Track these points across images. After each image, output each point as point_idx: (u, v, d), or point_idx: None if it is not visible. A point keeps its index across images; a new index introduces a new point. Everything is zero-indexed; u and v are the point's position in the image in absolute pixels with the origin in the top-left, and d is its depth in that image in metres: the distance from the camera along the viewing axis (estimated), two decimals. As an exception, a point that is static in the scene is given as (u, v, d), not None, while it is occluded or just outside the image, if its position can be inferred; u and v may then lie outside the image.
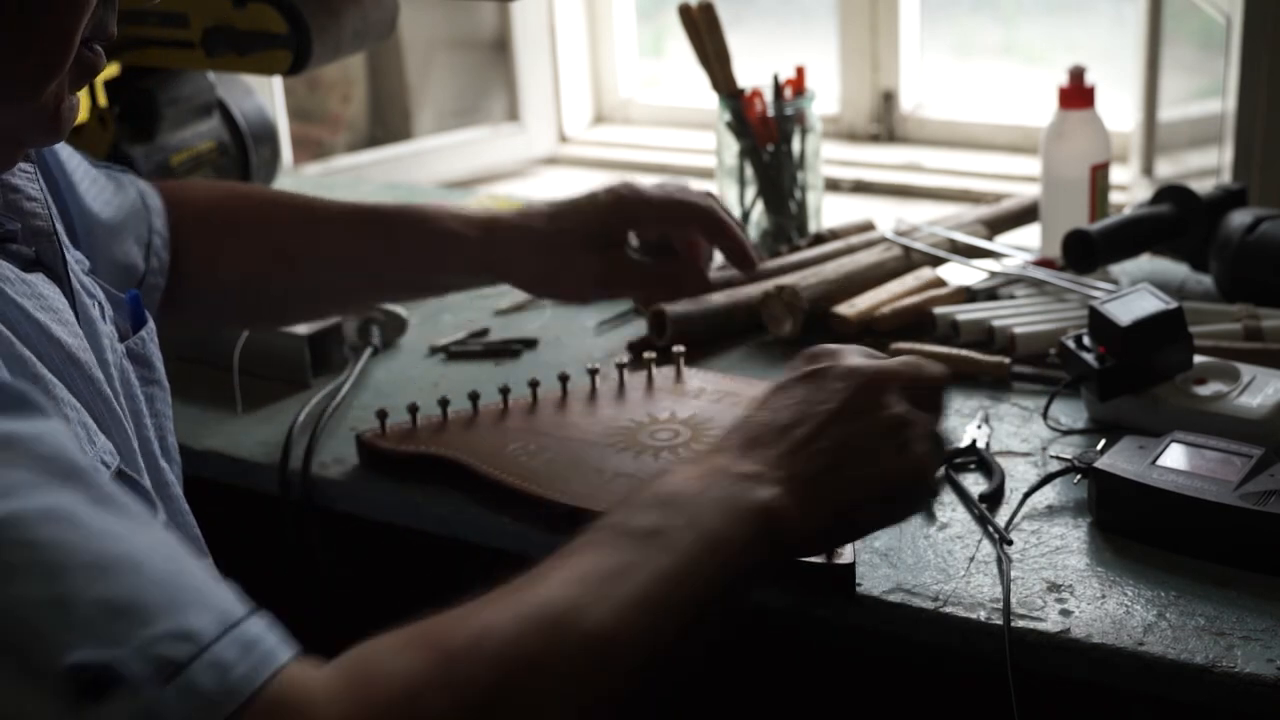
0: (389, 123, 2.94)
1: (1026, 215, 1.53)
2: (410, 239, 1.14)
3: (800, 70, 1.50)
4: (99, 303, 0.84)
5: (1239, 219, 1.30)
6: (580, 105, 3.03)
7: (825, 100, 2.71)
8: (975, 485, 1.04)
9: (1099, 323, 1.09)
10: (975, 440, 1.08)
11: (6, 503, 0.57)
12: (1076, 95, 1.40)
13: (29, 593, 0.56)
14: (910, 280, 1.36)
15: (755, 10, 3.13)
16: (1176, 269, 1.41)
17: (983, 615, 0.89)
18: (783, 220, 1.51)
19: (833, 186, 2.49)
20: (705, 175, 1.92)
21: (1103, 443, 1.03)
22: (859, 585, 0.92)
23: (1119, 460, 0.97)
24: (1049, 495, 1.01)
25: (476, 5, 2.95)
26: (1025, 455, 1.07)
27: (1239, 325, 1.20)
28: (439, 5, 2.90)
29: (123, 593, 0.57)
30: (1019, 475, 1.04)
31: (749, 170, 1.50)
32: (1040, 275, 1.34)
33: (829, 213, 1.60)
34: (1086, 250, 1.30)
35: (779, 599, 0.94)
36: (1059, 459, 1.04)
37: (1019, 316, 1.26)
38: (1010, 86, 2.88)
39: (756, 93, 1.48)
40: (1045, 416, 1.12)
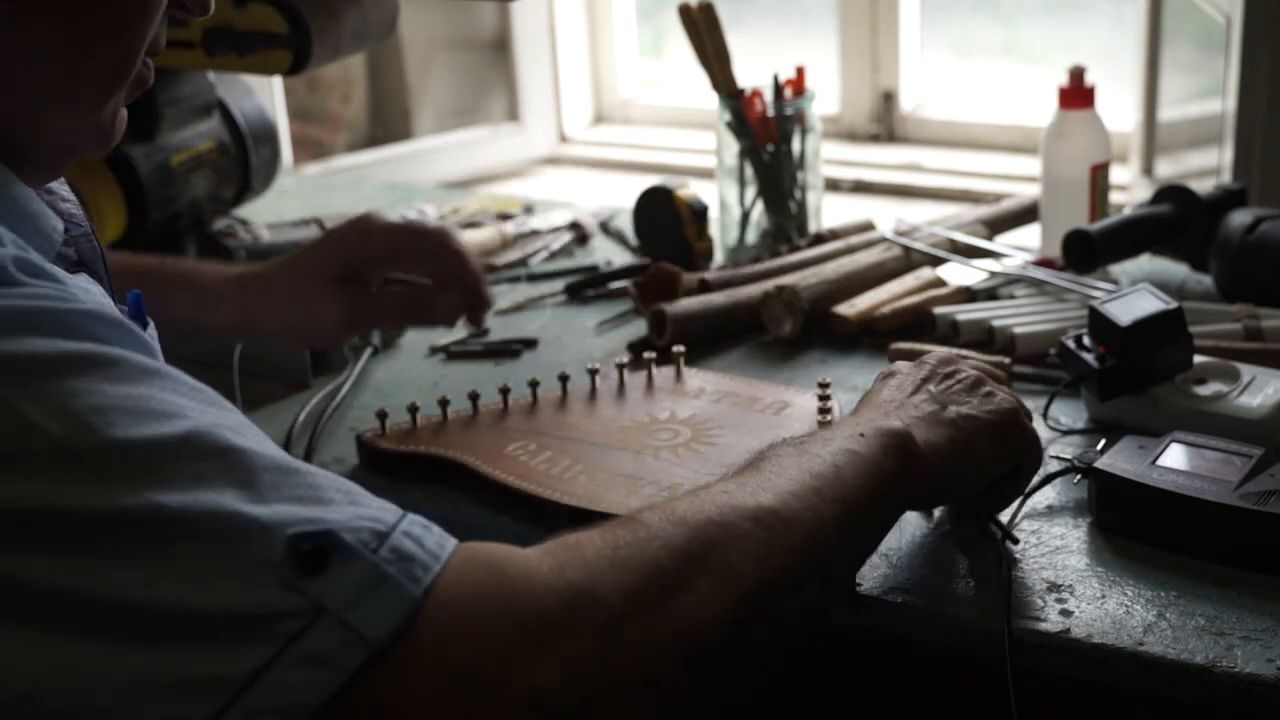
0: (389, 123, 2.94)
1: (1026, 215, 1.53)
2: (174, 300, 1.13)
3: (800, 70, 1.50)
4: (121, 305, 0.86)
5: (1239, 219, 1.30)
6: (580, 105, 3.03)
7: (825, 100, 2.71)
8: (975, 485, 1.04)
9: (1099, 323, 1.09)
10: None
11: (183, 421, 0.61)
12: (1076, 95, 1.40)
13: (231, 491, 0.60)
14: (910, 280, 1.36)
15: (755, 10, 3.13)
16: (1176, 269, 1.41)
17: (983, 615, 0.89)
18: (783, 220, 1.51)
19: (833, 186, 2.49)
20: (705, 175, 1.92)
21: (1103, 443, 1.03)
22: (859, 585, 0.92)
23: (1119, 460, 0.97)
24: (1049, 495, 1.01)
25: (476, 5, 2.95)
26: (1025, 455, 1.07)
27: (1239, 325, 1.20)
28: (439, 5, 2.90)
29: (304, 490, 0.62)
30: (1019, 475, 1.04)
31: (749, 170, 1.50)
32: (1040, 275, 1.34)
33: (829, 213, 1.60)
34: (1086, 250, 1.30)
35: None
36: (1059, 459, 1.04)
37: (1019, 316, 1.26)
38: (1010, 86, 2.88)
39: (756, 93, 1.48)
40: (1045, 416, 1.12)
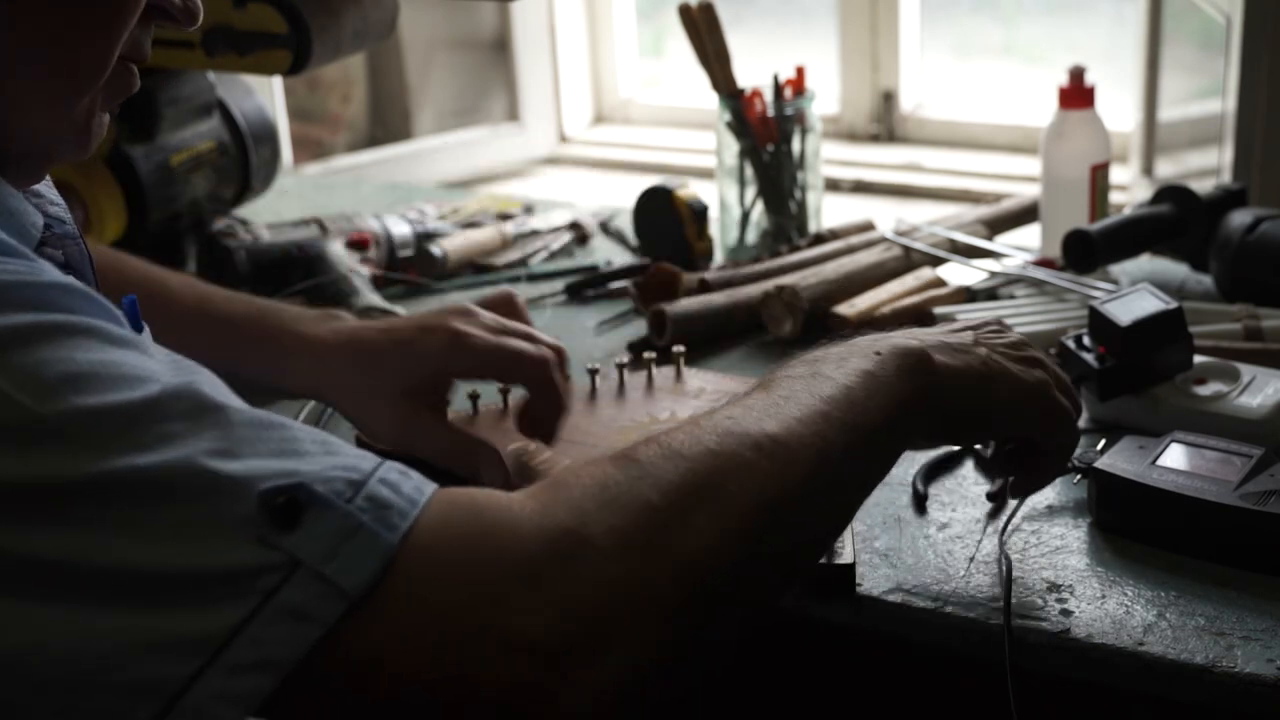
0: (389, 123, 2.94)
1: (1026, 215, 1.53)
2: (246, 353, 1.08)
3: (800, 70, 1.50)
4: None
5: (1239, 219, 1.30)
6: (580, 105, 3.03)
7: (825, 100, 2.71)
8: (978, 485, 1.03)
9: (1099, 323, 1.09)
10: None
11: (153, 385, 0.61)
12: (1076, 95, 1.40)
13: (203, 448, 0.59)
14: (910, 280, 1.36)
15: (755, 10, 3.13)
16: (1176, 269, 1.41)
17: (983, 615, 0.89)
18: (783, 220, 1.51)
19: (833, 186, 2.49)
20: (705, 175, 1.92)
21: (1103, 443, 1.03)
22: (859, 585, 0.92)
23: (1119, 460, 0.97)
24: (1049, 495, 1.01)
25: (476, 5, 2.95)
26: (1025, 455, 1.07)
27: (1239, 325, 1.20)
28: (439, 5, 2.90)
29: (279, 444, 0.62)
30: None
31: (749, 170, 1.50)
32: (1040, 275, 1.34)
33: (829, 213, 1.60)
34: (1086, 250, 1.30)
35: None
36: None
37: (1019, 316, 1.26)
38: (1010, 86, 2.88)
39: (756, 93, 1.48)
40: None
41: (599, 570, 0.63)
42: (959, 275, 1.38)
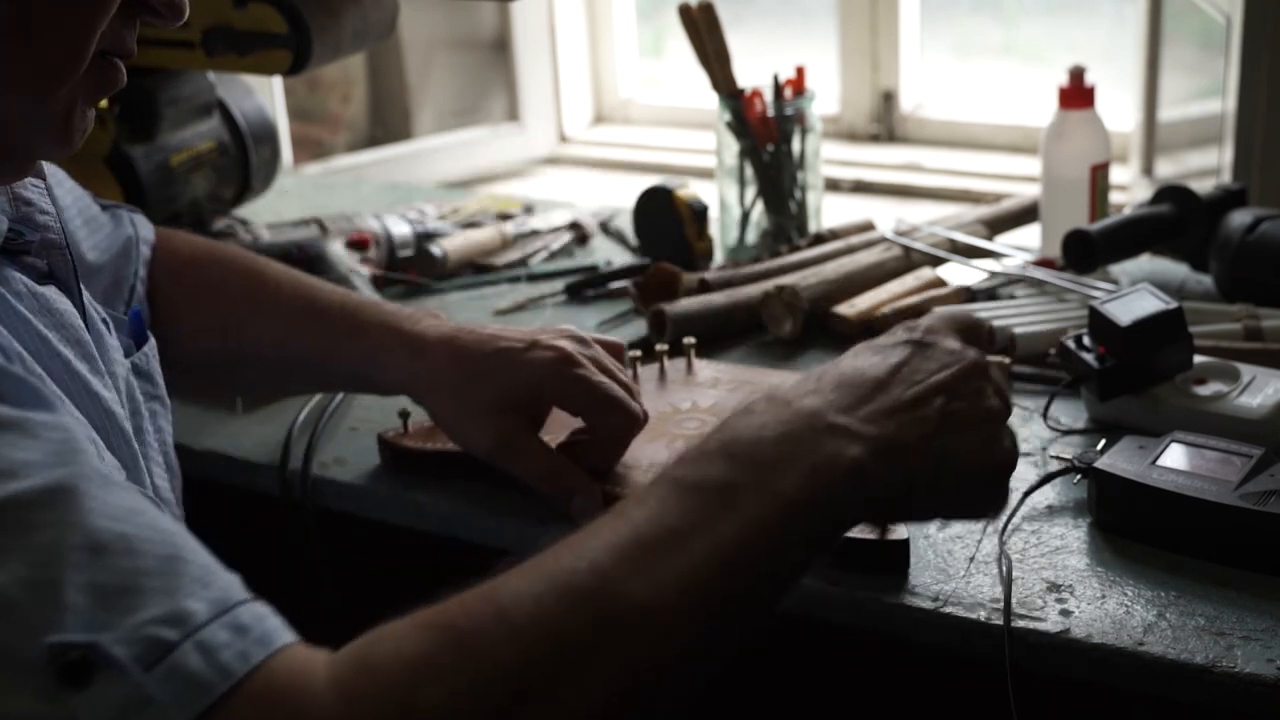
0: (389, 123, 2.94)
1: (1026, 215, 1.53)
2: (344, 347, 1.07)
3: (800, 70, 1.50)
4: (104, 319, 0.85)
5: (1239, 219, 1.30)
6: (580, 105, 3.03)
7: (825, 100, 2.71)
8: (975, 485, 1.04)
9: (1099, 323, 1.09)
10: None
11: (10, 483, 0.57)
12: (1076, 95, 1.40)
13: (17, 575, 0.55)
14: (910, 280, 1.36)
15: (755, 10, 3.13)
16: (1176, 269, 1.41)
17: (983, 615, 0.89)
18: (783, 220, 1.51)
19: (833, 186, 2.49)
20: (705, 175, 1.92)
21: (1103, 443, 1.03)
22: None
23: (1119, 460, 0.97)
24: (1049, 495, 1.01)
25: (476, 5, 2.95)
26: (1025, 455, 1.07)
27: (1239, 325, 1.20)
28: (439, 5, 2.90)
29: (115, 577, 0.56)
30: (1019, 475, 1.04)
31: (749, 170, 1.50)
32: (1040, 275, 1.34)
33: (829, 213, 1.60)
34: (1086, 250, 1.30)
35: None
36: (1059, 459, 1.04)
37: (1019, 316, 1.26)
38: (1010, 86, 2.88)
39: (756, 93, 1.48)
40: (1045, 416, 1.12)
41: None
42: (959, 275, 1.38)
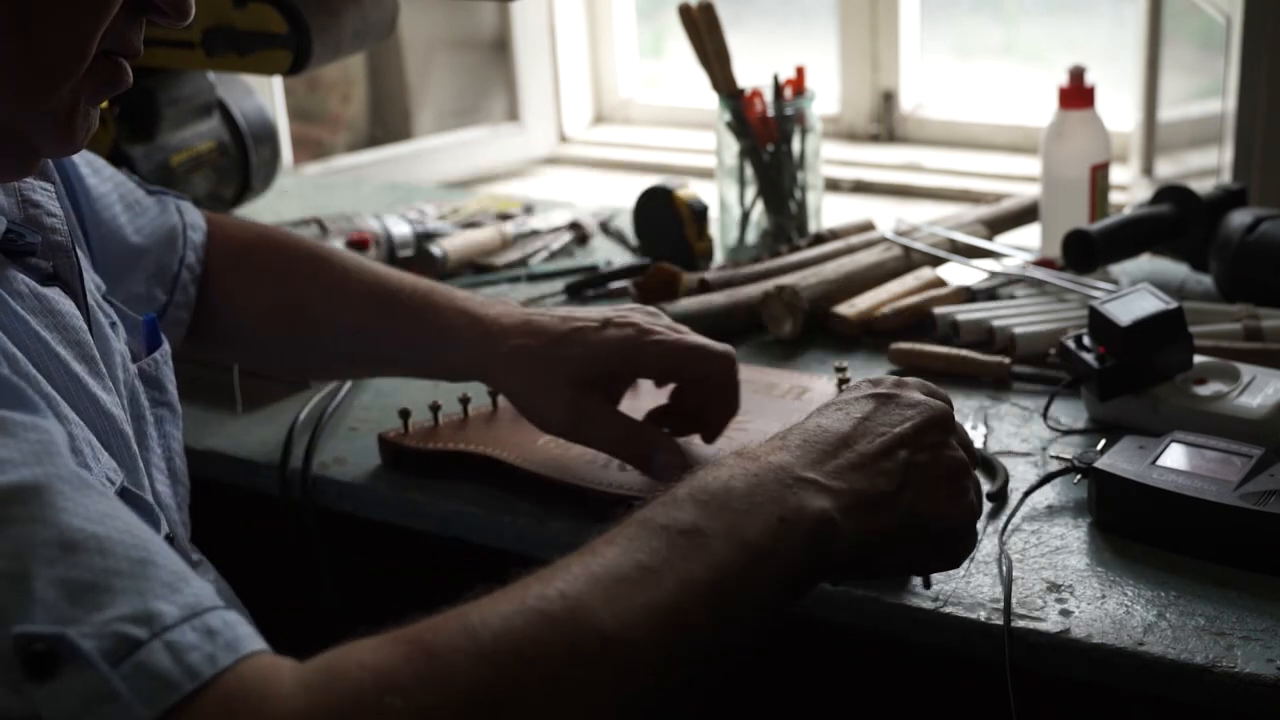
0: (389, 123, 2.94)
1: (1026, 215, 1.53)
2: (416, 329, 1.07)
3: (800, 70, 1.50)
4: (114, 322, 0.85)
5: (1239, 219, 1.30)
6: (580, 105, 3.03)
7: (825, 100, 2.71)
8: (975, 485, 1.04)
9: (1099, 323, 1.09)
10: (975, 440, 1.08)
11: None
12: (1076, 95, 1.40)
13: None
14: (910, 280, 1.36)
15: (755, 10, 3.13)
16: (1176, 269, 1.41)
17: (983, 615, 0.89)
18: (783, 220, 1.51)
19: (833, 186, 2.49)
20: (705, 175, 1.92)
21: (1103, 443, 1.03)
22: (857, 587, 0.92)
23: (1119, 460, 0.97)
24: (1049, 495, 1.01)
25: (476, 5, 2.95)
26: (1025, 455, 1.07)
27: (1239, 325, 1.20)
28: (439, 5, 2.90)
29: (86, 574, 0.56)
30: (1019, 475, 1.04)
31: (749, 170, 1.50)
32: (1040, 275, 1.34)
33: (829, 213, 1.60)
34: (1086, 250, 1.30)
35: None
36: (1059, 459, 1.04)
37: (1019, 316, 1.26)
38: (1010, 86, 2.88)
39: (756, 93, 1.48)
40: (1045, 416, 1.12)
41: None
42: (959, 275, 1.38)
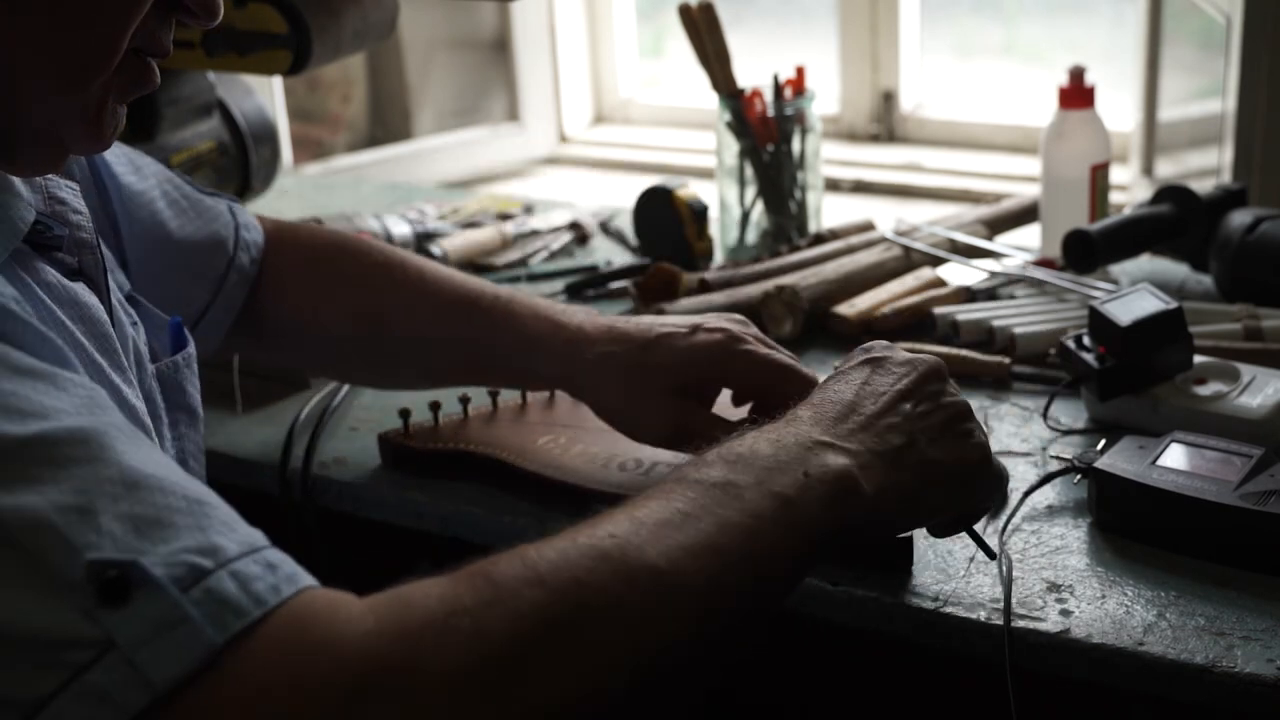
0: (389, 123, 2.94)
1: (1026, 215, 1.53)
2: (497, 336, 1.05)
3: (800, 70, 1.50)
4: (135, 322, 0.86)
5: (1239, 219, 1.30)
6: (580, 105, 3.03)
7: (825, 100, 2.71)
8: (975, 485, 1.03)
9: (1099, 323, 1.09)
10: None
11: (41, 423, 0.59)
12: (1076, 95, 1.40)
13: (54, 500, 0.57)
14: (910, 280, 1.36)
15: (755, 10, 3.13)
16: (1176, 269, 1.41)
17: (983, 615, 0.89)
18: (783, 220, 1.51)
19: (833, 186, 2.49)
20: (705, 175, 1.92)
21: (1103, 443, 1.03)
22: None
23: (1119, 460, 0.97)
24: (1049, 495, 1.01)
25: (476, 5, 2.95)
26: (1025, 455, 1.07)
27: (1239, 325, 1.20)
28: (439, 5, 2.90)
29: (149, 510, 0.58)
30: (1019, 475, 1.04)
31: (749, 170, 1.50)
32: (1040, 275, 1.34)
33: (829, 213, 1.60)
34: (1086, 250, 1.30)
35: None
36: (1059, 459, 1.04)
37: (1019, 316, 1.26)
38: (1010, 86, 2.88)
39: (756, 93, 1.48)
40: (1045, 416, 1.12)
41: (421, 713, 0.56)
42: (959, 275, 1.38)
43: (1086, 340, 1.11)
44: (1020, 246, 1.46)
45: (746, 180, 1.51)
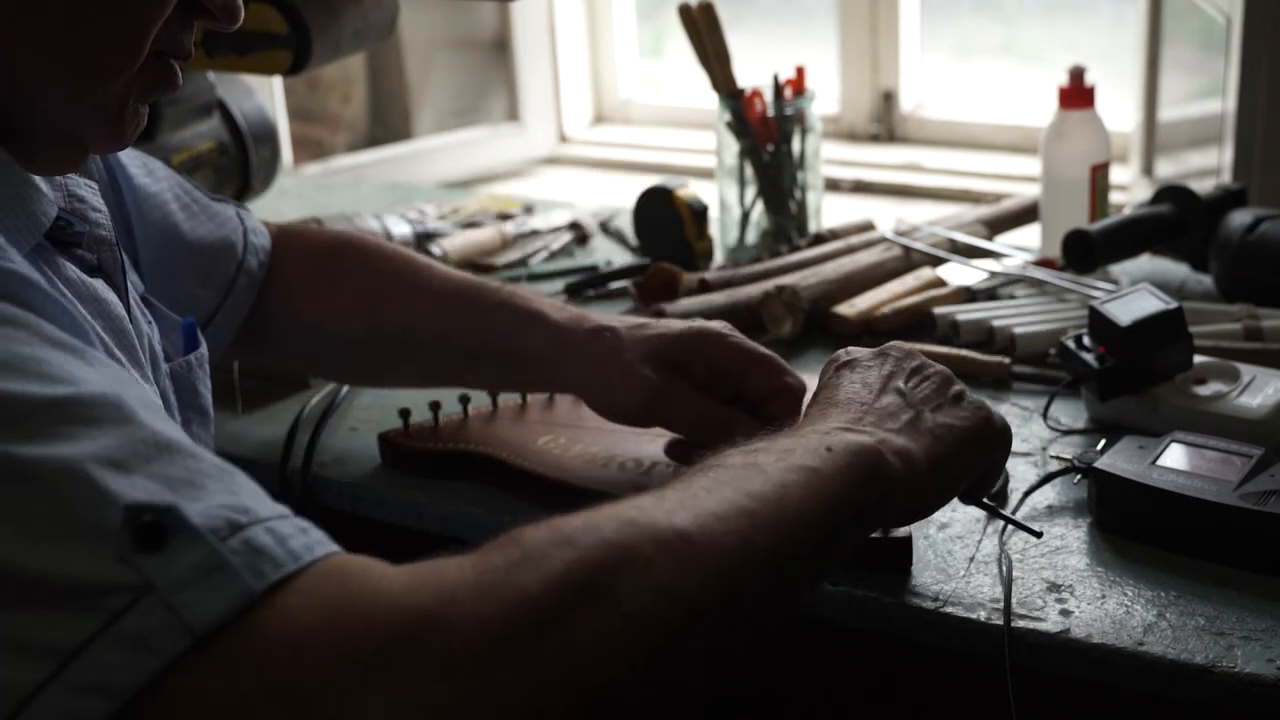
0: (389, 123, 2.94)
1: (1026, 215, 1.53)
2: (495, 320, 1.07)
3: (800, 70, 1.50)
4: (150, 321, 0.87)
5: (1239, 219, 1.30)
6: (580, 105, 3.03)
7: (825, 100, 2.71)
8: (975, 485, 1.03)
9: (1099, 323, 1.09)
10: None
11: (70, 387, 0.59)
12: (1076, 95, 1.40)
13: (90, 451, 0.57)
14: (910, 280, 1.36)
15: (755, 10, 3.13)
16: (1176, 269, 1.41)
17: (983, 615, 0.89)
18: (783, 220, 1.51)
19: (833, 186, 2.49)
20: (705, 175, 1.92)
21: (1103, 443, 1.03)
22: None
23: (1119, 460, 0.97)
24: (1049, 495, 1.01)
25: (476, 5, 2.95)
26: (1025, 455, 1.07)
27: (1239, 325, 1.20)
28: (439, 5, 2.90)
29: (182, 471, 0.58)
30: (1019, 475, 1.04)
31: (749, 170, 1.50)
32: (1040, 275, 1.34)
33: (829, 213, 1.60)
34: (1086, 250, 1.30)
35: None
36: (1059, 459, 1.04)
37: (1019, 316, 1.26)
38: (1010, 86, 2.88)
39: (756, 93, 1.48)
40: (1045, 416, 1.12)
41: (457, 666, 0.55)
42: (959, 275, 1.38)
43: (1086, 340, 1.11)
44: (1020, 246, 1.46)
45: (746, 180, 1.51)
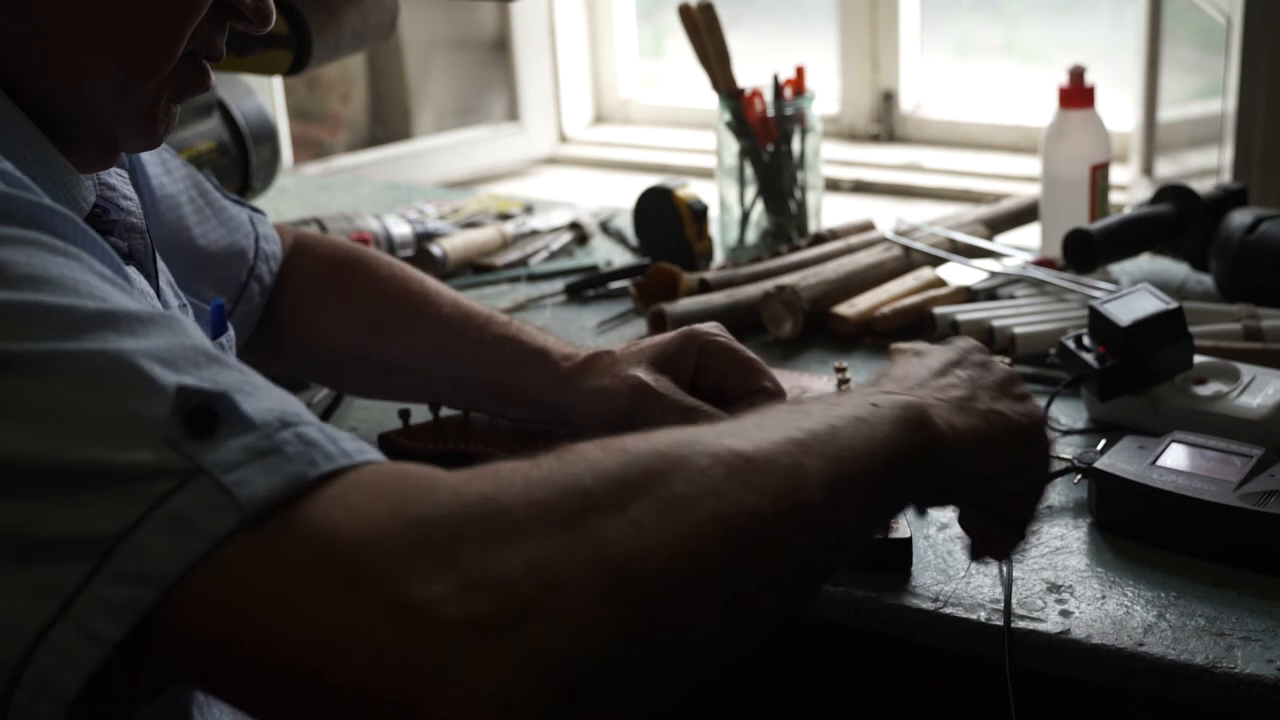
0: (389, 123, 2.94)
1: (1026, 215, 1.53)
2: (496, 348, 1.07)
3: (800, 70, 1.50)
4: (183, 304, 0.87)
5: (1239, 219, 1.30)
6: (580, 105, 3.03)
7: (825, 100, 2.71)
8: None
9: (1099, 323, 1.09)
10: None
11: (118, 304, 0.59)
12: (1076, 95, 1.40)
13: (141, 348, 0.56)
14: (910, 280, 1.36)
15: (755, 10, 3.13)
16: (1176, 269, 1.41)
17: (983, 615, 0.89)
18: (783, 220, 1.51)
19: (833, 186, 2.49)
20: (705, 175, 1.92)
21: (1103, 443, 1.03)
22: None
23: (1119, 460, 0.97)
24: (1049, 495, 1.01)
25: (476, 5, 2.95)
26: (1025, 455, 1.07)
27: (1239, 325, 1.20)
28: (439, 5, 2.90)
29: (230, 379, 0.57)
30: (1019, 475, 1.04)
31: (749, 170, 1.50)
32: (1040, 275, 1.34)
33: (829, 213, 1.60)
34: (1086, 250, 1.30)
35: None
36: (1059, 459, 1.04)
37: (1019, 316, 1.26)
38: (1010, 86, 2.88)
39: (756, 93, 1.48)
40: (1045, 417, 1.12)
41: (515, 541, 0.55)
42: (959, 275, 1.38)
43: (1086, 340, 1.11)
44: (1020, 246, 1.46)
45: (746, 180, 1.51)
